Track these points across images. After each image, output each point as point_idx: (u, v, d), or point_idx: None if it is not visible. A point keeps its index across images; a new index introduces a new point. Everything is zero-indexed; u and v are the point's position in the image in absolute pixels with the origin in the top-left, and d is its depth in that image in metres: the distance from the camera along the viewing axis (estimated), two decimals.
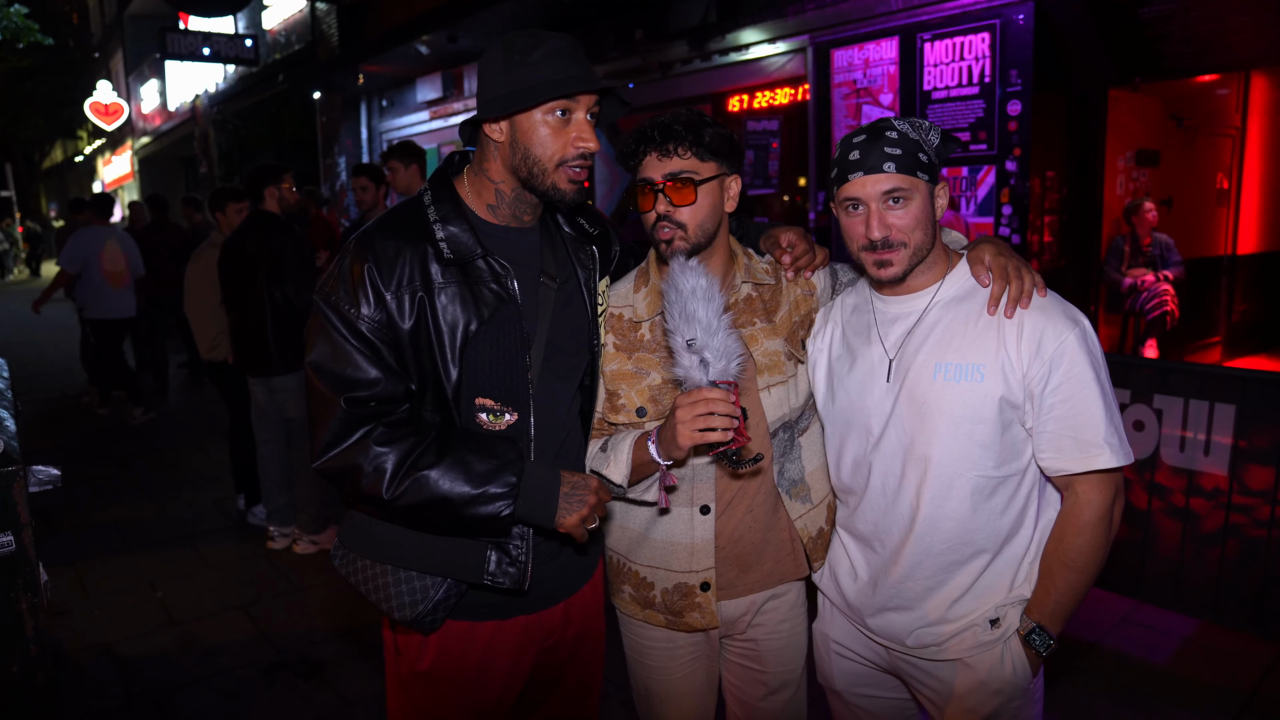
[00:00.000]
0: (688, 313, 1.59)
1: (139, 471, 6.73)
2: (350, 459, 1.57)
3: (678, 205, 1.79)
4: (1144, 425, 3.48)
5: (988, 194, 5.78)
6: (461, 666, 1.74)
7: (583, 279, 1.85)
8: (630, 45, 8.23)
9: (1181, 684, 3.36)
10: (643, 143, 1.82)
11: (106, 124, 24.86)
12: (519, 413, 1.69)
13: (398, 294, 1.59)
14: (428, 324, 1.61)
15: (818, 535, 2.00)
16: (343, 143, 13.08)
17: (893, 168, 1.66)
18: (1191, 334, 7.58)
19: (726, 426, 1.57)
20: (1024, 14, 5.43)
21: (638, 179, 1.84)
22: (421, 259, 1.62)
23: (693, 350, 1.60)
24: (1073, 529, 1.69)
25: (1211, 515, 3.31)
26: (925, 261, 1.76)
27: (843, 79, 6.54)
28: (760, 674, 2.06)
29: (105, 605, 4.35)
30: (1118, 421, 1.66)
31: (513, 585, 1.69)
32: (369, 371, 1.58)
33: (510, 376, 1.68)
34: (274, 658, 3.77)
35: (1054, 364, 1.64)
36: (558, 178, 1.64)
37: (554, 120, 1.61)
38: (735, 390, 1.60)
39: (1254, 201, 8.35)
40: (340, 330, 1.58)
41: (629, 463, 1.78)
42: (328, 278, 1.63)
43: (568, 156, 1.62)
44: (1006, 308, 1.68)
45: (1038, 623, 1.72)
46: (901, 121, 1.72)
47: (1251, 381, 3.25)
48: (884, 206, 1.68)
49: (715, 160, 1.84)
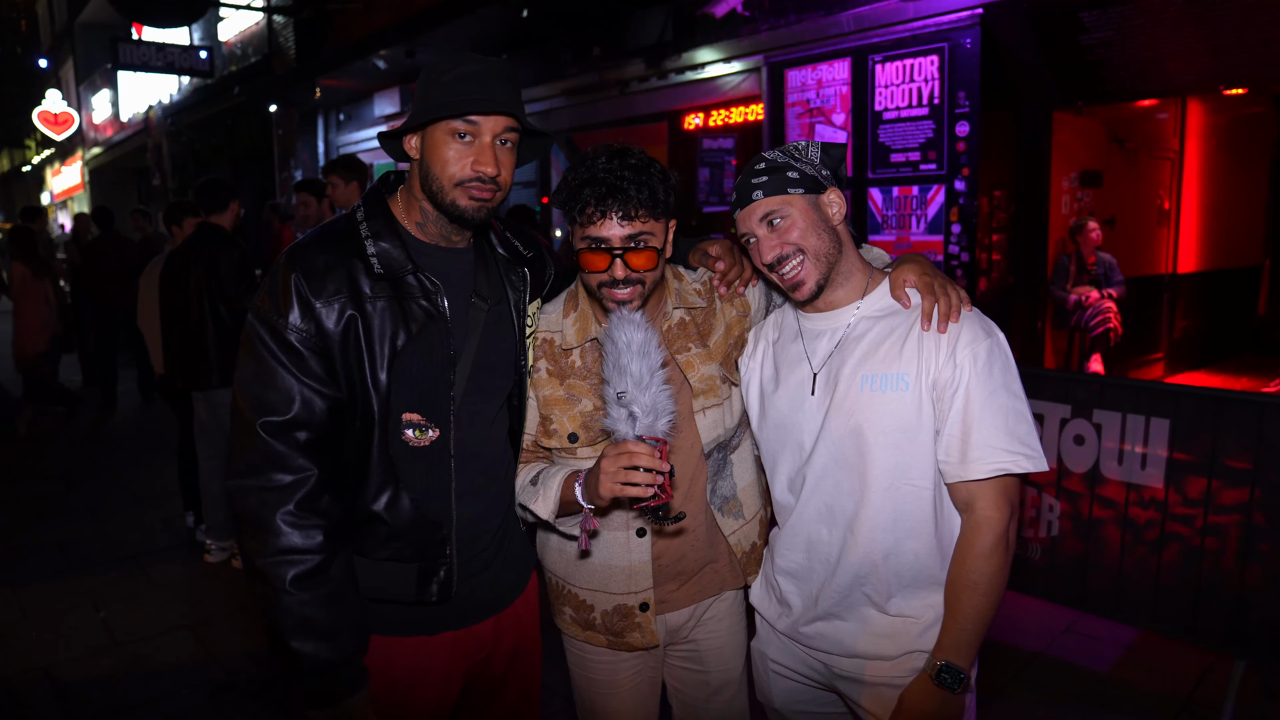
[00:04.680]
0: (620, 366, 1.61)
1: (85, 490, 6.58)
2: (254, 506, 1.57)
3: (636, 270, 1.75)
4: (1084, 439, 3.57)
5: (937, 213, 5.90)
6: (385, 683, 1.73)
7: (513, 300, 1.86)
8: (588, 62, 8.29)
9: (1122, 691, 3.45)
10: (599, 203, 1.72)
11: (56, 134, 24.31)
12: (441, 429, 1.70)
13: (327, 304, 1.60)
14: (357, 336, 1.62)
15: (751, 550, 2.04)
16: (299, 156, 12.94)
17: (760, 194, 1.76)
18: (1135, 350, 7.79)
19: (650, 482, 1.59)
20: (970, 38, 5.58)
21: (590, 238, 1.75)
22: (352, 272, 1.63)
23: (622, 404, 1.61)
24: (974, 552, 1.68)
25: (1149, 527, 3.41)
26: (841, 273, 1.81)
27: (796, 98, 6.65)
28: (702, 675, 2.09)
29: (45, 628, 4.24)
30: (1022, 431, 1.68)
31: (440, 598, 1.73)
32: (290, 392, 1.57)
33: (434, 392, 1.69)
34: (221, 678, 3.70)
35: (960, 369, 1.68)
36: (456, 195, 1.66)
37: (456, 141, 1.64)
38: (664, 447, 1.62)
39: (1193, 222, 8.64)
40: (267, 344, 1.58)
41: (557, 500, 1.81)
42: (260, 292, 1.64)
43: (465, 178, 1.65)
44: (939, 323, 1.72)
45: (946, 660, 1.68)
46: (772, 151, 1.82)
47: (1185, 396, 3.35)
48: (766, 230, 1.77)
49: (666, 215, 1.81)
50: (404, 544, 1.70)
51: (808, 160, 1.79)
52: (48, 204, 31.63)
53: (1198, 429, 3.28)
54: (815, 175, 1.78)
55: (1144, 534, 3.43)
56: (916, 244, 6.03)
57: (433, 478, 1.71)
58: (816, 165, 1.80)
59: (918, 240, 6.02)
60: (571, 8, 7.67)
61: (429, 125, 1.66)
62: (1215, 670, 3.52)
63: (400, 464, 1.68)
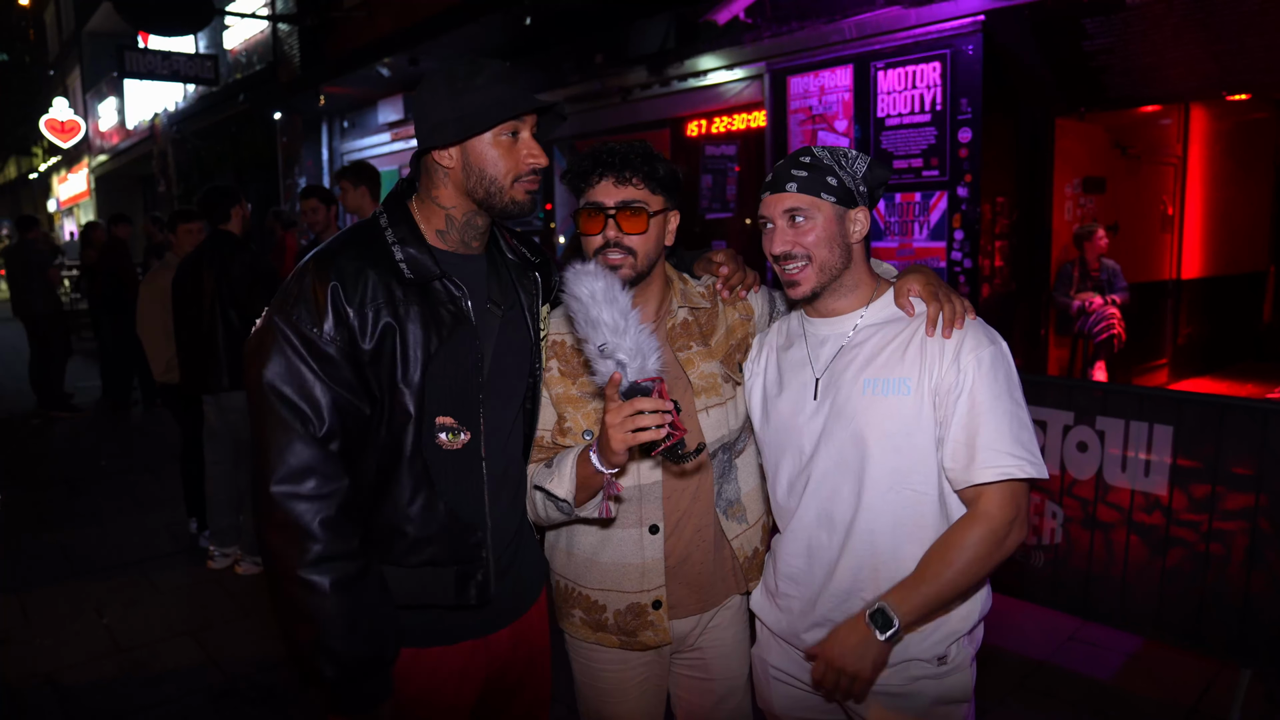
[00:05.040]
0: (591, 319, 1.59)
1: (88, 495, 6.59)
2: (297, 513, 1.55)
3: (628, 232, 1.83)
4: (1087, 446, 3.56)
5: (940, 219, 5.90)
6: (404, 699, 1.72)
7: (526, 304, 1.88)
8: (590, 70, 8.31)
9: (1126, 700, 3.43)
10: (598, 166, 1.85)
11: (62, 141, 24.45)
12: (472, 432, 1.72)
13: (360, 311, 1.60)
14: (392, 342, 1.63)
15: (753, 555, 2.04)
16: (303, 163, 12.99)
17: (795, 188, 1.77)
18: (1139, 356, 7.77)
19: (659, 424, 1.57)
20: (973, 44, 5.58)
21: (587, 202, 1.87)
22: (383, 278, 1.64)
23: (605, 355, 1.60)
24: (962, 535, 1.68)
25: (1152, 534, 3.40)
26: (844, 284, 1.83)
27: (799, 105, 6.66)
28: (708, 683, 2.09)
29: (48, 633, 4.25)
30: (1025, 438, 1.68)
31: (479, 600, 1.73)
32: (326, 401, 1.57)
33: (465, 396, 1.71)
34: (224, 684, 3.71)
35: (964, 373, 1.69)
36: (515, 192, 1.71)
37: (505, 140, 1.68)
38: (661, 384, 1.60)
39: (1196, 228, 8.62)
40: (300, 350, 1.58)
41: (573, 477, 1.79)
42: (285, 297, 1.62)
43: (521, 172, 1.70)
44: (944, 329, 1.74)
45: (885, 603, 1.67)
46: (822, 149, 1.81)
47: (1188, 403, 3.34)
48: (786, 223, 1.78)
49: (664, 194, 1.89)
50: (439, 548, 1.70)
51: (850, 172, 1.80)
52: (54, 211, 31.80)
53: (1201, 436, 3.28)
54: (852, 189, 1.79)
55: (1148, 541, 3.42)
56: (919, 250, 6.03)
57: (466, 480, 1.73)
58: (857, 180, 1.80)
59: (920, 247, 6.02)
60: (574, 15, 7.68)
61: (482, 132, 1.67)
62: (1220, 679, 3.50)
63: (434, 468, 1.69)
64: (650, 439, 1.58)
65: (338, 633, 1.55)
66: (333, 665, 1.56)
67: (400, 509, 1.67)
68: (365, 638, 1.58)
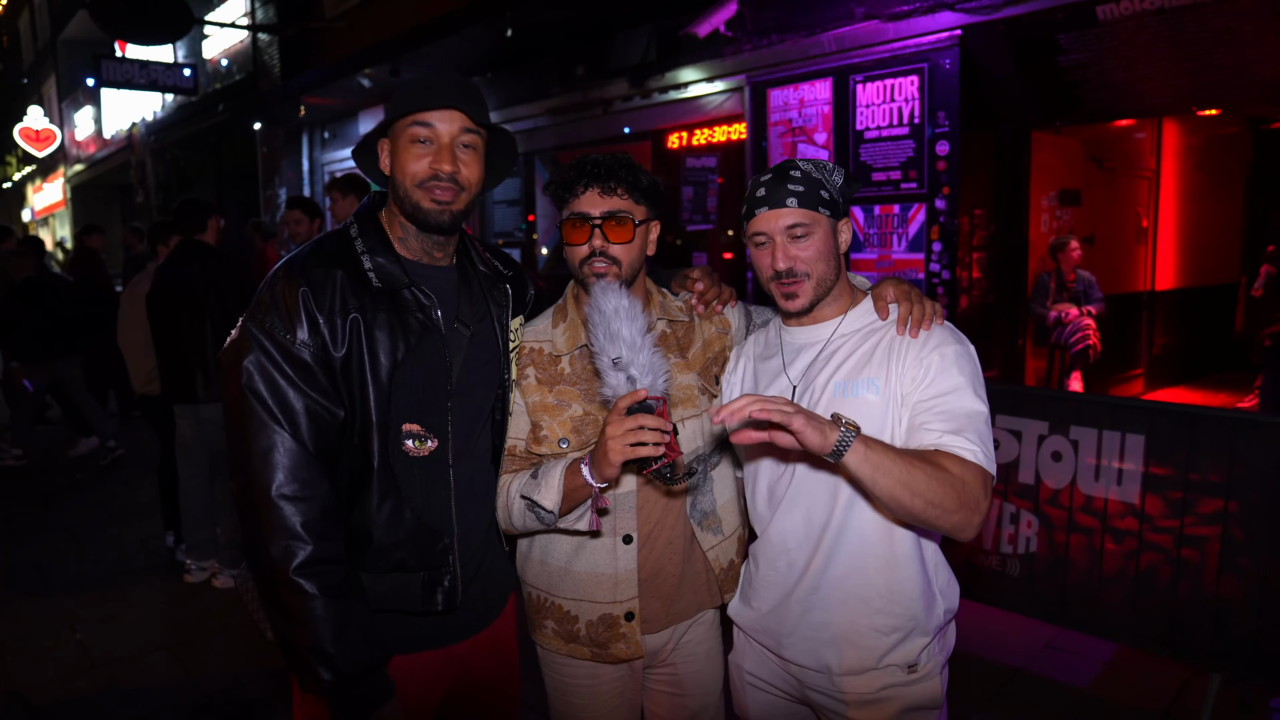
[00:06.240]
0: (611, 332, 1.65)
1: (62, 510, 6.51)
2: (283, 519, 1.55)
3: (614, 242, 1.85)
4: (1061, 455, 3.60)
5: (918, 231, 5.96)
6: None
7: (495, 315, 1.90)
8: (572, 82, 8.34)
9: (1101, 706, 3.47)
10: (583, 177, 1.87)
11: (37, 150, 24.17)
12: (439, 439, 1.73)
13: (330, 319, 1.62)
14: (360, 348, 1.64)
15: (729, 567, 2.06)
16: (284, 174, 12.93)
17: (795, 203, 1.78)
18: (1114, 367, 7.87)
19: (658, 441, 1.60)
20: (950, 59, 5.66)
21: (572, 213, 1.88)
22: (351, 286, 1.66)
23: (619, 368, 1.65)
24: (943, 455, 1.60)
25: (1125, 542, 3.44)
26: (831, 294, 1.85)
27: (779, 118, 6.72)
28: (681, 698, 2.10)
29: (19, 649, 4.19)
30: (984, 432, 1.67)
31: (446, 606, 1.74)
32: (296, 404, 1.59)
33: (433, 403, 1.72)
34: (200, 700, 3.67)
35: (929, 366, 1.71)
36: (420, 197, 1.70)
37: (417, 146, 1.70)
38: (664, 405, 1.64)
39: (1170, 240, 8.75)
40: (274, 357, 1.59)
41: (560, 488, 1.80)
42: (258, 306, 1.64)
43: (424, 177, 1.69)
44: (912, 329, 1.78)
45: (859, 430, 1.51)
46: (805, 162, 1.83)
47: (1159, 413, 3.39)
48: (787, 240, 1.79)
49: (647, 205, 1.92)
50: (406, 554, 1.71)
51: (832, 184, 1.82)
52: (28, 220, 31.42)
53: (1173, 445, 3.32)
54: (837, 200, 1.82)
55: (1120, 549, 3.45)
56: (898, 262, 6.08)
57: (433, 487, 1.74)
58: (837, 191, 1.83)
59: (899, 258, 6.07)
60: (556, 28, 7.72)
61: (396, 137, 1.72)
62: (1193, 685, 3.54)
63: (401, 475, 1.70)
64: (647, 454, 1.61)
65: (329, 635, 1.56)
66: (328, 669, 1.56)
67: (369, 515, 1.68)
68: (357, 641, 1.58)
